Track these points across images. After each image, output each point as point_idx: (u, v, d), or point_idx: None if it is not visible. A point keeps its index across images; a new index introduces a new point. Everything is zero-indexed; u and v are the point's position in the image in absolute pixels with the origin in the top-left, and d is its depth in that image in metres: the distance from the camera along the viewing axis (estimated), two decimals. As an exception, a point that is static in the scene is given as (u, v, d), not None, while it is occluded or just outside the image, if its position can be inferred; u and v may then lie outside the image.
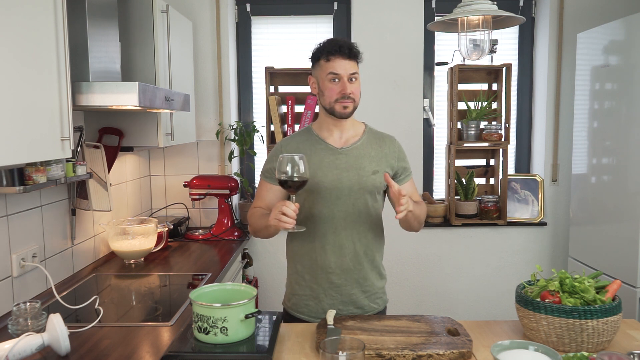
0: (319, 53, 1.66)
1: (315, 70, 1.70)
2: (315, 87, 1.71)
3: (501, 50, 3.16)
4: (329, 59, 1.64)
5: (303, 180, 1.52)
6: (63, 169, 1.76)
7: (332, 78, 1.64)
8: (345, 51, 1.63)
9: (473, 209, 3.18)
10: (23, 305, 1.51)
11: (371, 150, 1.73)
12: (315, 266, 1.71)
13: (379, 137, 1.78)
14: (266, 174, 1.76)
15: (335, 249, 1.69)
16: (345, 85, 1.63)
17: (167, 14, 2.42)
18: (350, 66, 1.64)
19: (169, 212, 3.14)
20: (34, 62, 1.44)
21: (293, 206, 1.51)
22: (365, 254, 1.72)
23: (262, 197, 1.76)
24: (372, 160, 1.71)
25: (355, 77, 1.66)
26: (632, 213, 2.43)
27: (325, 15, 3.22)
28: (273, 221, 1.53)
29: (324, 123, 1.74)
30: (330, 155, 1.70)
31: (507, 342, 1.25)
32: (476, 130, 3.11)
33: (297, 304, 1.76)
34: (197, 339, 1.37)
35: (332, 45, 1.64)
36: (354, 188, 1.67)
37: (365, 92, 3.08)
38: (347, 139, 1.73)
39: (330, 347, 1.18)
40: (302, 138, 1.75)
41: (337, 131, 1.73)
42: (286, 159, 1.51)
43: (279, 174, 1.52)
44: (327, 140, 1.73)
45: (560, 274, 1.44)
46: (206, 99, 3.11)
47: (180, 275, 2.23)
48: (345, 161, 1.69)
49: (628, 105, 2.45)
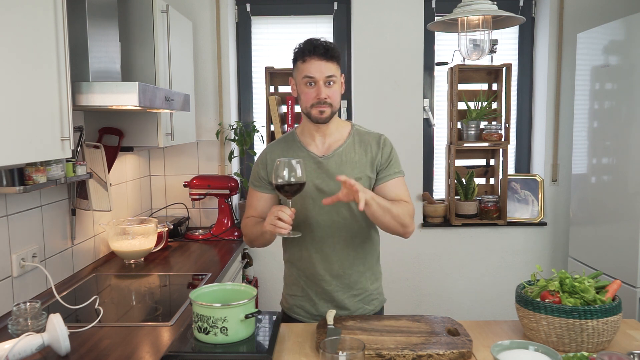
0: (296, 54, 1.60)
1: (294, 72, 1.64)
2: (295, 90, 1.66)
3: (501, 50, 3.16)
4: (305, 60, 1.56)
5: (300, 183, 1.49)
6: (63, 169, 1.76)
7: (308, 82, 1.57)
8: (321, 51, 1.55)
9: (473, 209, 3.18)
10: (23, 305, 1.51)
11: (354, 155, 1.66)
12: (307, 272, 1.71)
13: (365, 140, 1.69)
14: (254, 183, 1.73)
15: (322, 257, 1.67)
16: (320, 90, 1.56)
17: (167, 14, 2.42)
18: (327, 68, 1.56)
19: (169, 212, 3.14)
20: (34, 62, 1.44)
21: (289, 211, 1.48)
22: (355, 259, 1.70)
23: (253, 206, 1.73)
24: (355, 166, 1.65)
25: (333, 80, 1.58)
26: (632, 213, 2.43)
27: (325, 15, 3.22)
28: (268, 227, 1.49)
29: (305, 128, 1.69)
30: (312, 164, 1.65)
31: (507, 342, 1.25)
32: (476, 130, 3.11)
33: (293, 305, 1.76)
34: (197, 339, 1.37)
35: (308, 45, 1.57)
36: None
37: (365, 92, 3.09)
38: (329, 145, 1.67)
39: (330, 347, 1.18)
40: (286, 145, 1.71)
41: (319, 136, 1.67)
42: (283, 163, 1.48)
43: (276, 179, 1.48)
44: (309, 147, 1.67)
45: (560, 274, 1.44)
46: (206, 99, 3.11)
47: (180, 275, 2.23)
48: (327, 170, 1.64)
49: (628, 105, 2.45)
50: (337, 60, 1.60)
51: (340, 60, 1.62)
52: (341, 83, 1.64)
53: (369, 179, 1.67)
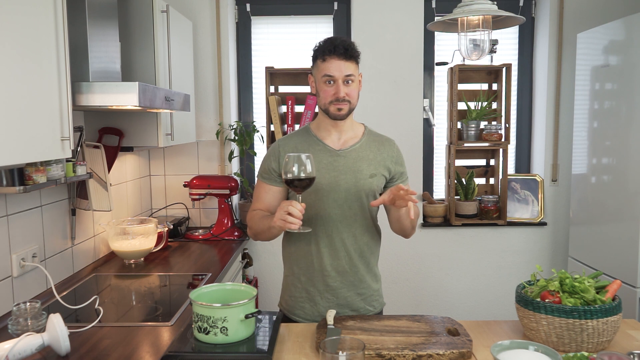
0: (316, 53, 1.64)
1: (313, 70, 1.68)
2: (314, 87, 1.70)
3: (501, 50, 3.16)
4: (325, 59, 1.60)
5: (310, 178, 1.49)
6: (63, 169, 1.76)
7: (327, 80, 1.60)
8: (341, 51, 1.58)
9: (473, 209, 3.18)
10: (23, 305, 1.51)
11: (369, 153, 1.71)
12: (311, 268, 1.70)
13: (378, 140, 1.75)
14: (264, 175, 1.73)
15: (331, 251, 1.68)
16: (339, 89, 1.59)
17: (167, 14, 2.42)
18: (346, 67, 1.59)
19: (169, 212, 3.14)
20: (34, 62, 1.44)
21: (299, 206, 1.48)
22: (361, 257, 1.71)
23: (261, 199, 1.73)
24: (370, 163, 1.69)
25: (352, 79, 1.61)
26: (632, 213, 2.43)
27: (325, 15, 3.22)
28: (278, 222, 1.49)
29: (322, 123, 1.72)
30: (328, 157, 1.68)
31: (507, 342, 1.25)
32: (476, 130, 3.11)
33: (293, 306, 1.75)
34: (197, 339, 1.37)
35: (328, 44, 1.60)
36: (351, 191, 1.65)
37: (365, 92, 3.09)
38: (345, 141, 1.71)
39: (330, 347, 1.18)
40: (301, 138, 1.73)
41: (335, 132, 1.70)
42: (292, 158, 1.48)
43: (285, 174, 1.49)
44: (325, 140, 1.70)
45: (560, 274, 1.44)
46: (206, 99, 3.11)
47: (180, 275, 2.23)
48: (344, 163, 1.67)
49: (628, 105, 2.45)
50: (356, 59, 1.64)
51: (359, 58, 1.65)
52: (359, 81, 1.68)
53: (384, 178, 1.72)
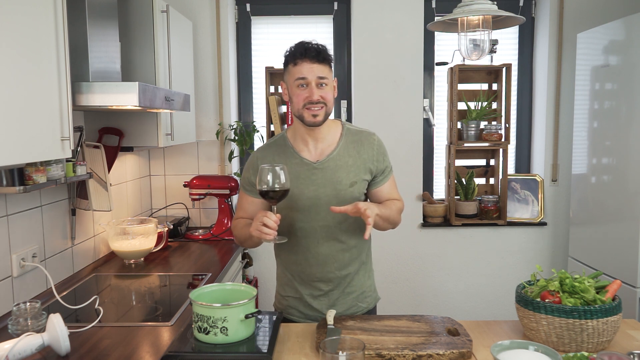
0: (287, 57, 1.59)
1: (285, 75, 1.62)
2: (286, 94, 1.64)
3: (501, 50, 3.16)
4: (296, 63, 1.55)
5: (284, 190, 1.49)
6: (63, 169, 1.76)
7: (300, 84, 1.55)
8: (313, 54, 1.53)
9: (473, 209, 3.18)
10: (23, 305, 1.51)
11: (348, 159, 1.65)
12: (302, 275, 1.70)
13: (357, 140, 1.68)
14: (245, 187, 1.71)
15: (319, 261, 1.67)
16: (312, 91, 1.54)
17: (167, 14, 2.42)
18: (319, 70, 1.54)
19: (169, 212, 3.14)
20: (34, 62, 1.44)
21: (274, 217, 1.47)
22: (350, 260, 1.70)
23: (244, 209, 1.72)
24: (350, 170, 1.64)
25: (325, 83, 1.56)
26: (632, 213, 2.43)
27: (325, 15, 3.22)
28: (254, 232, 1.49)
29: (297, 132, 1.66)
30: (306, 171, 1.63)
31: (507, 342, 1.25)
32: (476, 130, 3.11)
33: (287, 306, 1.76)
34: (197, 339, 1.37)
35: (299, 48, 1.56)
36: (333, 203, 1.60)
37: (365, 92, 3.09)
38: (322, 150, 1.65)
39: (330, 347, 1.18)
40: (278, 150, 1.68)
41: (311, 141, 1.65)
42: (266, 169, 1.48)
43: (260, 185, 1.48)
44: (301, 153, 1.65)
45: (560, 274, 1.44)
46: (206, 99, 3.11)
47: (180, 275, 2.23)
48: (322, 176, 1.63)
49: (628, 105, 2.45)
50: (329, 63, 1.58)
51: (332, 63, 1.61)
52: (334, 87, 1.62)
53: (365, 182, 1.67)
